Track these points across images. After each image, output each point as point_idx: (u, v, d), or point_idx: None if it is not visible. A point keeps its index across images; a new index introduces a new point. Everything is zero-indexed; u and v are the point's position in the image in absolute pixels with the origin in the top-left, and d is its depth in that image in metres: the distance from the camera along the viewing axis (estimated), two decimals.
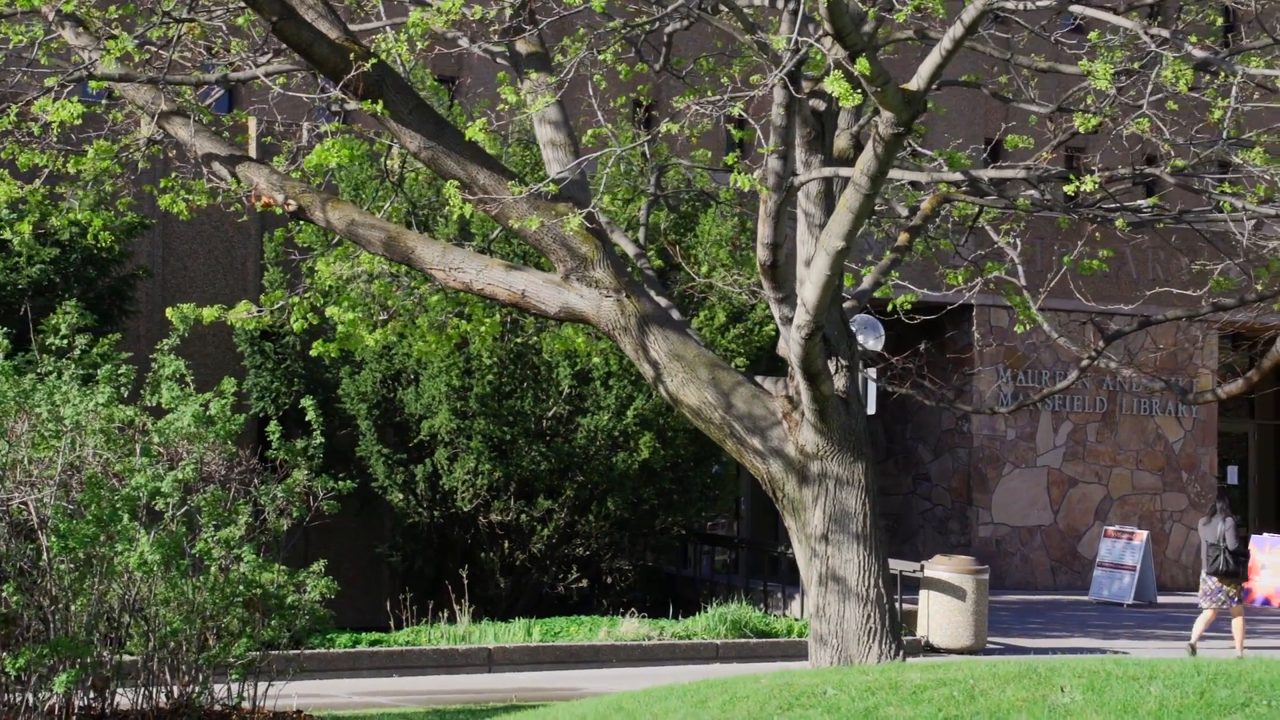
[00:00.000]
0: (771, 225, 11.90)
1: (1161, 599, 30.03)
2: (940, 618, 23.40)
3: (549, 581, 24.97)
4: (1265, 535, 30.91)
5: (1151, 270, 31.53)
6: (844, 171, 11.50)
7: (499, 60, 13.26)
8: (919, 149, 14.44)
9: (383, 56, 10.82)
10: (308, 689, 18.62)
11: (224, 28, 13.53)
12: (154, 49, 12.69)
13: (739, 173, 10.34)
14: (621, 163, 15.84)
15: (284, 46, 12.84)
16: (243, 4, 11.90)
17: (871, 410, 24.29)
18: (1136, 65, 10.66)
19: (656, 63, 14.53)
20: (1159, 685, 7.83)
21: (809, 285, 11.65)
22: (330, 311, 14.74)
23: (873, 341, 23.99)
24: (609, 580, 25.62)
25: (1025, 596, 30.23)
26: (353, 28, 13.24)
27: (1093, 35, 10.77)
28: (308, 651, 20.35)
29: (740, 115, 10.92)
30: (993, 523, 31.22)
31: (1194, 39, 10.13)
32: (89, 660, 12.50)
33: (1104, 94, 10.67)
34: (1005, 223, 16.39)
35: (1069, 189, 10.50)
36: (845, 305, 13.48)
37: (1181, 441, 32.56)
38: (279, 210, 12.83)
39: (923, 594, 23.63)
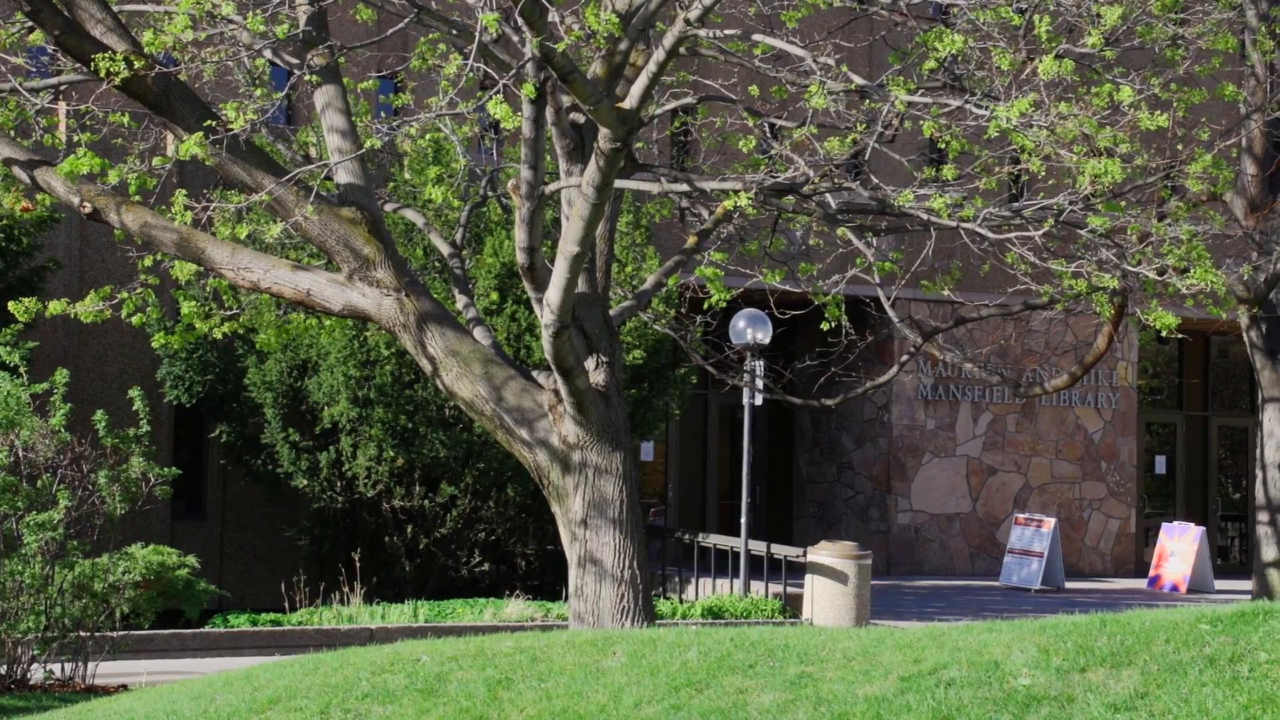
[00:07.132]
0: (527, 230, 12.70)
1: (1072, 584, 30.71)
2: (823, 601, 24.11)
3: (454, 566, 25.77)
4: (1175, 523, 31.53)
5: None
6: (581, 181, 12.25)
7: (295, 71, 14.02)
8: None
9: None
10: (184, 666, 19.36)
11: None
12: None
13: (432, 184, 11.12)
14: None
15: None
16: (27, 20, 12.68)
17: (759, 402, 25.03)
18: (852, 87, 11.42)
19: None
20: (695, 652, 8.57)
21: (552, 288, 12.43)
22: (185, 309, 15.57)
23: (761, 335, 24.71)
24: (521, 564, 26.42)
25: (940, 582, 30.93)
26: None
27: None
28: (190, 631, 21.23)
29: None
30: (912, 510, 31.91)
31: (844, 68, 10.89)
32: None
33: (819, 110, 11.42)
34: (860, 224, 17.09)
35: (727, 204, 11.33)
36: (625, 305, 14.25)
37: (1101, 431, 33.18)
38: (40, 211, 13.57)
39: (807, 578, 24.35)
